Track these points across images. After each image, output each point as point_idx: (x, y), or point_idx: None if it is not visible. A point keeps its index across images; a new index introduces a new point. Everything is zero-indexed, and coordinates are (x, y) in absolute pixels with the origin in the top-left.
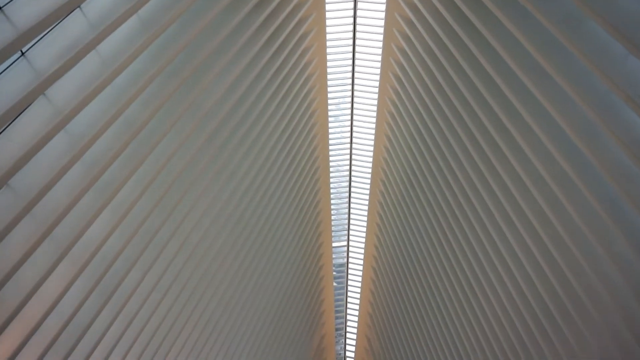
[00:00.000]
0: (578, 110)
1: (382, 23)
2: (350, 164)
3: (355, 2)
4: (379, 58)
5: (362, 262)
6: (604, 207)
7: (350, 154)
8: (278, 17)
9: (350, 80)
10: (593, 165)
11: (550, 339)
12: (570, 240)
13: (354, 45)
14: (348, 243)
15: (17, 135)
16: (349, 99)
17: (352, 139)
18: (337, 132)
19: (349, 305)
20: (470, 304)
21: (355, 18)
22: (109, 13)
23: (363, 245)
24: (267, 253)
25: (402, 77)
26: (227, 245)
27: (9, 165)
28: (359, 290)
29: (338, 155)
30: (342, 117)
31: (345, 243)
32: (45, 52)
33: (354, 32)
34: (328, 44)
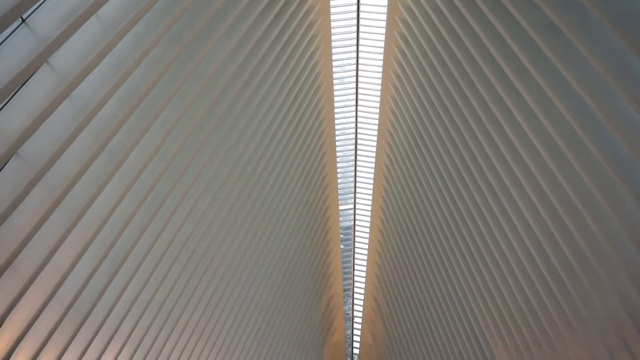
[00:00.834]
0: (590, 69)
1: None
2: (356, 126)
3: None
4: (384, 17)
5: (368, 224)
6: (614, 167)
7: (356, 116)
8: None
9: (355, 41)
10: (603, 126)
11: (557, 300)
12: (579, 201)
13: (359, 4)
14: (355, 206)
15: (23, 104)
16: (354, 60)
17: (357, 101)
18: (342, 94)
19: (356, 267)
20: (477, 265)
21: None
22: None
23: (370, 208)
24: (274, 217)
25: (407, 36)
26: (234, 210)
27: (18, 135)
28: (366, 252)
29: (344, 118)
30: (347, 79)
31: (352, 206)
32: (46, 18)
33: None
34: (332, 3)
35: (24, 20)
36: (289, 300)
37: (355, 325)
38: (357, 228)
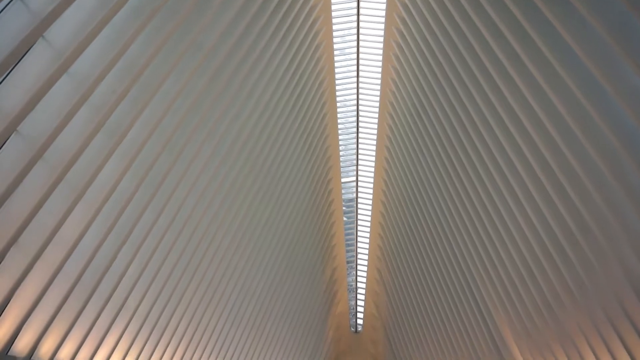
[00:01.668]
0: (595, 37)
1: None
2: (358, 98)
3: None
4: None
5: (371, 196)
6: (617, 135)
7: (357, 87)
8: None
9: (356, 10)
10: (607, 94)
11: (559, 268)
12: (582, 171)
13: None
14: (357, 178)
15: (20, 81)
16: (355, 31)
17: (358, 72)
18: (343, 65)
19: (359, 239)
20: (479, 234)
21: None
22: None
23: (372, 180)
24: (276, 191)
25: (409, 4)
26: (237, 185)
27: (17, 112)
28: (369, 224)
29: (345, 89)
30: (348, 49)
31: (354, 178)
32: None
33: None
34: None
35: None
36: (293, 273)
37: (359, 297)
38: (359, 200)
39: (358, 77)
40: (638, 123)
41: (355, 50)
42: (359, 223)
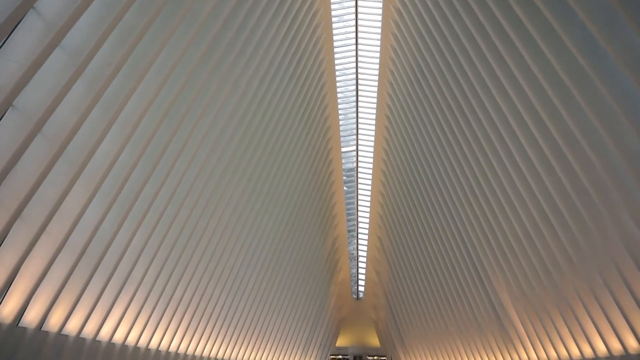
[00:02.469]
0: None
1: None
2: (357, 66)
3: None
4: None
5: (371, 165)
6: (617, 100)
7: (356, 55)
8: None
9: None
10: (608, 57)
11: (557, 234)
12: (581, 136)
13: None
14: (357, 147)
15: (14, 54)
16: None
17: (357, 40)
18: (341, 32)
19: (360, 208)
20: (477, 200)
21: None
22: None
23: (372, 149)
24: (277, 161)
25: None
26: (237, 156)
27: (11, 86)
28: (369, 193)
29: (344, 58)
30: (346, 16)
31: (354, 147)
32: None
33: None
34: None
35: None
36: (295, 243)
37: (360, 264)
38: (360, 169)
39: (357, 44)
40: (636, 83)
41: (354, 17)
42: (360, 192)
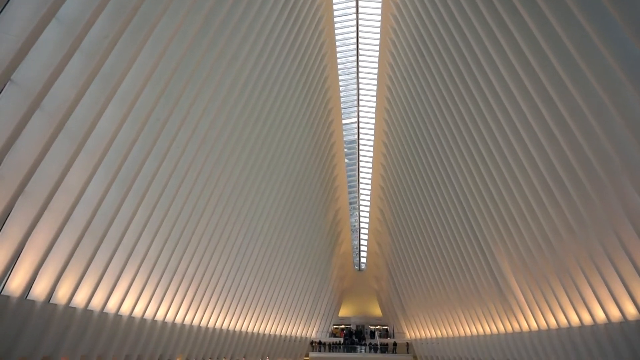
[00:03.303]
0: None
1: None
2: (357, 36)
3: None
4: None
5: (372, 137)
6: (623, 68)
7: (357, 25)
8: None
9: None
10: (616, 24)
11: (557, 203)
12: (584, 103)
13: None
14: (358, 119)
15: (9, 27)
16: None
17: (357, 9)
18: (342, 1)
19: (362, 180)
20: (478, 169)
21: None
22: None
23: (373, 121)
24: (277, 135)
25: None
26: (237, 129)
27: (8, 60)
28: (371, 165)
29: (344, 28)
30: None
31: (356, 119)
32: None
33: None
34: None
35: None
36: (297, 215)
37: (362, 236)
38: (361, 142)
39: (357, 13)
40: None
41: None
42: (361, 164)
